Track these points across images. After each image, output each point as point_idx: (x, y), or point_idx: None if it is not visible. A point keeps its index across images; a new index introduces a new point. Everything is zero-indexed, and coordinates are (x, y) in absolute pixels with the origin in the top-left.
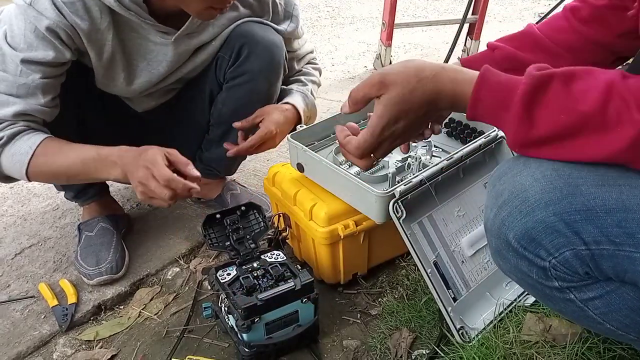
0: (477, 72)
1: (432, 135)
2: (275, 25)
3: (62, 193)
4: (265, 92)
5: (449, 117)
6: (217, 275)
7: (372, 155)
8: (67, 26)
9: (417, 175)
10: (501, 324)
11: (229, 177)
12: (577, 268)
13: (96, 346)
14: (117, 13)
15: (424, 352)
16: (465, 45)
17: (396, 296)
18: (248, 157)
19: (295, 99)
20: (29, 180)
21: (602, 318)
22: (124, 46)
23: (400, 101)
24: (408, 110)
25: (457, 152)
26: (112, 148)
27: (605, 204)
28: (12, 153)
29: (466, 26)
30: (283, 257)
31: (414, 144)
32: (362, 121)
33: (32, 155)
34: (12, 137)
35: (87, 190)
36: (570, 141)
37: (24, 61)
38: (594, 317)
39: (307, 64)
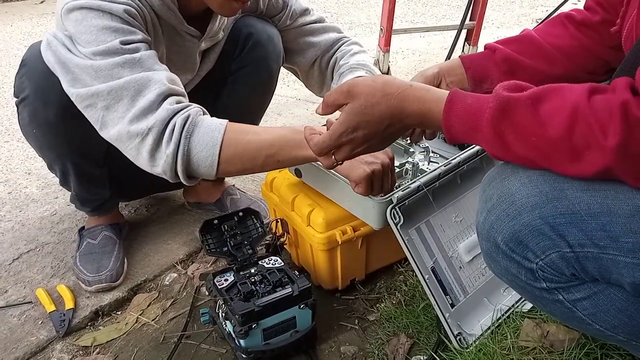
0: (446, 92)
1: (429, 141)
2: (268, 20)
3: (61, 198)
4: (268, 81)
5: None
6: (215, 280)
7: (333, 156)
8: (137, 8)
9: (415, 181)
10: (499, 330)
11: (228, 182)
12: (564, 269)
13: (93, 352)
14: (159, 16)
15: (422, 358)
16: (463, 51)
17: (394, 302)
18: None
19: None
20: (219, 168)
21: (591, 319)
22: (166, 47)
23: (361, 112)
24: (368, 122)
25: (455, 158)
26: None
27: (590, 207)
28: (202, 132)
29: (464, 32)
30: (281, 263)
31: (411, 150)
32: None
33: (225, 131)
34: (197, 115)
35: (104, 205)
36: (545, 164)
37: (124, 42)
38: (583, 318)
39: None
